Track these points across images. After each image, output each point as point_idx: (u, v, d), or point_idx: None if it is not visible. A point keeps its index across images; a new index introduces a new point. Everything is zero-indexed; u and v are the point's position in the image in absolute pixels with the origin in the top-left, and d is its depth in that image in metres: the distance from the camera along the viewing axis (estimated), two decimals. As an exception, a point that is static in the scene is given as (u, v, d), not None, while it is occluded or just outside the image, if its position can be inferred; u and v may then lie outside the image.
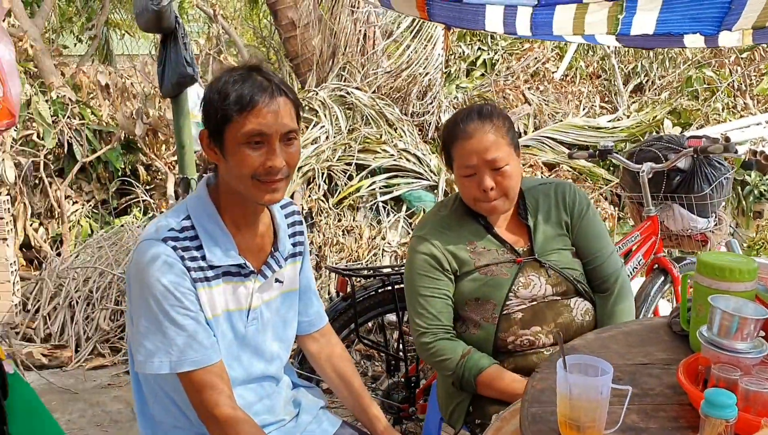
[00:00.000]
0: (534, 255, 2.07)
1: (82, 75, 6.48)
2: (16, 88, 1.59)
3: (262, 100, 1.57)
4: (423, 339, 2.07)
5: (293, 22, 6.49)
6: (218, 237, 1.67)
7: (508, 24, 2.61)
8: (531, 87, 7.19)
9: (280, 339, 1.86)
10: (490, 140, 1.97)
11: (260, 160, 1.58)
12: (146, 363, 1.60)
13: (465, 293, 2.06)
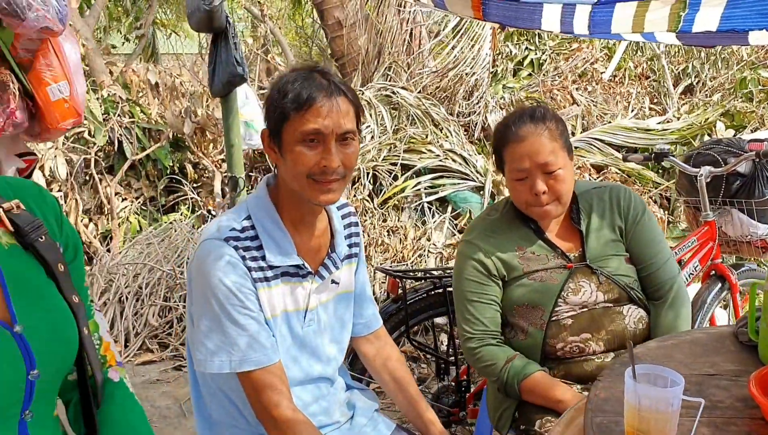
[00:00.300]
0: (585, 261, 2.03)
1: (132, 74, 6.59)
2: (81, 87, 1.61)
3: (320, 99, 1.57)
4: (469, 344, 2.06)
5: (339, 21, 6.51)
6: (278, 237, 1.67)
7: (566, 23, 2.56)
8: (579, 87, 7.08)
9: (336, 341, 1.86)
10: (543, 143, 1.93)
11: (315, 159, 1.58)
12: (207, 362, 1.61)
13: (513, 299, 2.03)
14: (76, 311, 1.11)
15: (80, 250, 1.20)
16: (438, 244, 4.83)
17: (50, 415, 1.11)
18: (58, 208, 1.17)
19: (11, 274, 1.03)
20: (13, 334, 0.99)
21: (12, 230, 1.06)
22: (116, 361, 1.25)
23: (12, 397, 1.00)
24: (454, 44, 6.21)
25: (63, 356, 1.08)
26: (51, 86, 1.56)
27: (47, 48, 1.55)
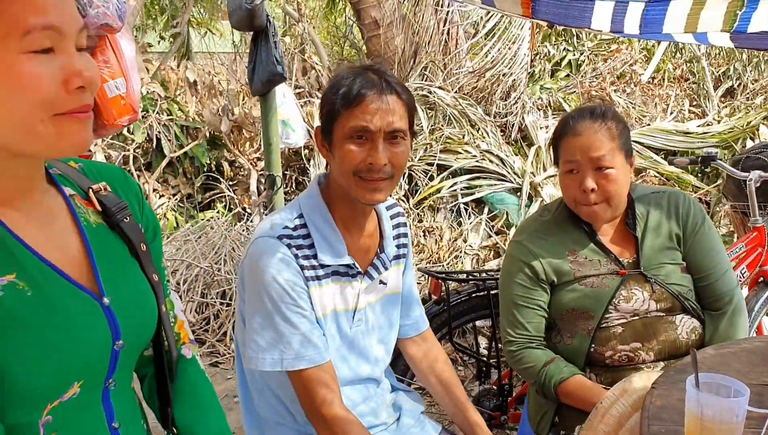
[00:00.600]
0: (639, 268, 1.97)
1: (170, 71, 6.65)
2: (137, 84, 1.62)
3: (370, 95, 1.56)
4: (510, 347, 2.05)
5: (376, 21, 6.51)
6: (329, 236, 1.67)
7: (616, 21, 2.51)
8: (617, 89, 6.99)
9: (384, 342, 1.86)
10: (599, 139, 1.90)
11: (362, 156, 1.57)
12: (258, 360, 1.61)
13: (563, 303, 1.99)
14: (156, 289, 1.16)
15: (159, 232, 1.25)
16: (474, 246, 4.80)
17: (129, 386, 1.16)
18: (140, 192, 1.22)
19: (99, 250, 1.08)
20: (101, 305, 1.04)
21: (99, 210, 1.12)
22: (189, 338, 1.32)
23: (99, 365, 1.04)
24: (492, 44, 6.17)
25: (144, 330, 1.14)
26: (108, 83, 1.57)
27: (105, 45, 1.56)
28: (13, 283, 0.94)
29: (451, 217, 5.13)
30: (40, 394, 0.97)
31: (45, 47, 0.89)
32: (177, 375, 1.26)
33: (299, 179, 5.99)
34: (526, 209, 5.02)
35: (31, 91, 0.89)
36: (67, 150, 0.96)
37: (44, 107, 0.90)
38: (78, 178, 1.13)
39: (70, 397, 1.00)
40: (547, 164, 5.54)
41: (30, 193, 1.03)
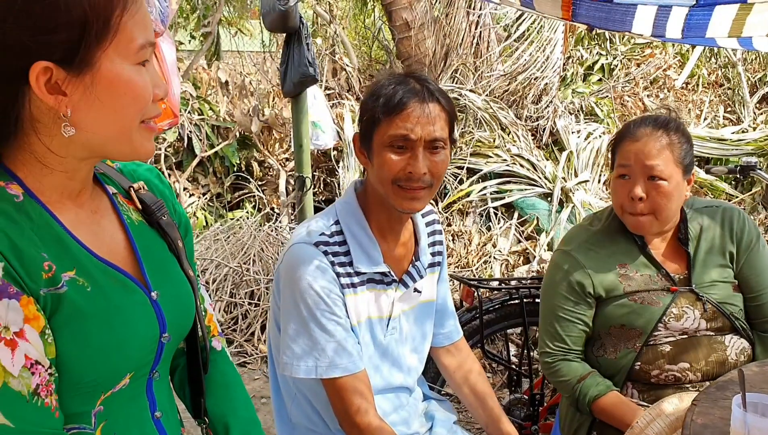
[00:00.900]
0: (691, 285, 1.92)
1: (202, 71, 6.69)
2: (177, 88, 1.62)
3: (411, 104, 1.55)
4: (546, 358, 2.01)
5: (407, 23, 6.48)
6: (365, 244, 1.66)
7: (658, 26, 2.47)
8: (650, 94, 6.89)
9: (417, 351, 1.85)
10: (656, 148, 1.85)
11: (401, 164, 1.56)
12: (293, 366, 1.61)
13: (610, 318, 1.94)
14: (193, 283, 1.22)
15: (190, 229, 1.31)
16: (503, 251, 4.76)
17: (166, 377, 1.22)
18: (172, 191, 1.28)
19: (143, 246, 1.14)
20: (150, 299, 1.10)
21: (140, 208, 1.17)
22: (218, 331, 1.37)
23: (147, 357, 1.10)
24: (524, 48, 6.12)
25: (186, 322, 1.20)
26: (149, 87, 1.57)
27: (147, 48, 1.56)
28: (74, 278, 1.00)
29: (480, 222, 5.09)
30: (96, 386, 1.02)
31: (146, 60, 1.00)
32: (209, 366, 1.31)
33: (328, 180, 5.99)
34: (557, 215, 4.96)
35: (142, 99, 0.99)
36: (142, 156, 1.05)
37: (142, 114, 1.00)
38: (118, 177, 1.19)
39: (121, 388, 1.06)
40: (579, 169, 5.48)
41: (83, 192, 1.08)
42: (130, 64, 0.97)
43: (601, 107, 6.48)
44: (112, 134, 1.00)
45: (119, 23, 0.95)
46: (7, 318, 0.91)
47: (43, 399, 0.95)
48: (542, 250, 4.72)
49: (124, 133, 1.00)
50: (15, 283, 0.92)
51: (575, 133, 5.90)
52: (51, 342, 0.96)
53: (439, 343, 1.96)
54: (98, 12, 0.93)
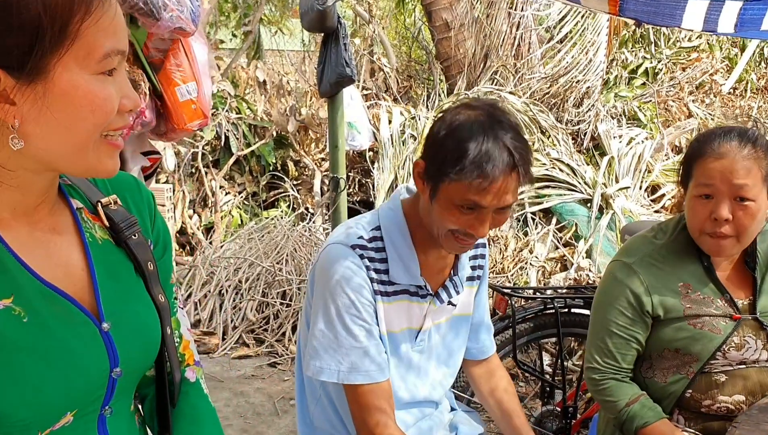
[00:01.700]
0: (755, 313, 1.78)
1: (240, 70, 6.73)
2: (208, 89, 1.60)
3: (497, 178, 1.42)
4: (593, 375, 1.89)
5: (447, 23, 6.43)
6: (405, 255, 1.62)
7: (710, 20, 2.37)
8: (696, 99, 6.71)
9: (446, 365, 1.79)
10: (745, 166, 1.67)
11: (464, 223, 1.48)
12: (314, 368, 1.58)
13: (665, 340, 1.81)
14: (161, 310, 1.12)
15: (169, 246, 1.20)
16: (540, 257, 4.67)
17: (128, 410, 1.11)
18: (153, 203, 1.18)
19: (102, 269, 1.04)
20: (101, 331, 1.00)
21: (107, 225, 1.08)
22: (194, 360, 1.25)
23: (94, 394, 0.99)
24: (567, 50, 6.01)
25: (145, 355, 1.09)
26: (180, 87, 1.55)
27: (178, 48, 1.55)
28: (9, 308, 0.91)
29: (516, 227, 5.01)
30: (29, 424, 0.93)
31: (112, 69, 0.91)
32: (178, 398, 1.20)
33: (362, 181, 5.97)
34: (596, 221, 4.85)
35: (101, 111, 0.90)
36: (101, 173, 0.96)
37: (100, 126, 0.92)
38: (88, 189, 1.09)
39: (63, 425, 0.96)
40: (620, 175, 5.36)
41: (39, 207, 1.00)
42: (90, 73, 0.89)
43: (644, 112, 6.33)
44: (65, 150, 0.92)
45: (78, 30, 0.87)
46: None
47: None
48: (580, 257, 4.62)
49: (79, 148, 0.92)
50: None
51: (617, 138, 5.77)
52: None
53: (472, 356, 1.91)
54: (54, 17, 0.85)
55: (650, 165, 5.61)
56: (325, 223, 5.32)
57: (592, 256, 4.63)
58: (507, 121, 1.50)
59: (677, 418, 1.85)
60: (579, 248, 4.70)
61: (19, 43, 0.85)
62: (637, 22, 2.60)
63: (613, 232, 4.82)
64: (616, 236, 4.79)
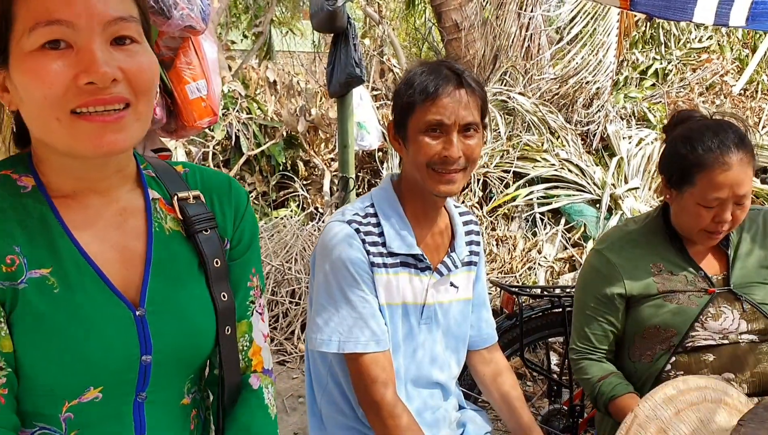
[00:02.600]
0: (729, 286, 1.87)
1: (251, 71, 6.76)
2: (218, 86, 1.63)
3: (445, 90, 1.60)
4: (572, 356, 2.01)
5: (457, 24, 6.45)
6: (399, 226, 1.70)
7: (721, 14, 2.37)
8: (706, 101, 6.69)
9: (453, 349, 1.84)
10: (747, 174, 1.75)
11: (437, 148, 1.61)
12: (316, 341, 1.64)
13: (644, 319, 1.89)
14: (219, 308, 1.11)
15: (253, 248, 1.20)
16: (549, 258, 4.67)
17: (174, 402, 1.11)
18: (243, 205, 1.18)
19: (160, 259, 1.06)
20: (134, 316, 1.01)
21: (180, 218, 1.10)
22: (263, 368, 1.21)
23: (121, 375, 1.01)
24: (576, 51, 6.01)
25: (184, 347, 1.08)
26: (190, 84, 1.58)
27: (188, 46, 1.57)
28: (45, 277, 0.96)
29: (525, 227, 5.01)
30: (53, 391, 0.98)
31: (51, 40, 0.89)
32: (238, 403, 1.18)
33: (372, 181, 5.99)
34: (606, 222, 4.85)
35: (41, 87, 0.89)
36: (84, 151, 0.94)
37: (56, 103, 0.90)
38: (173, 182, 1.12)
39: (91, 400, 1.00)
40: (629, 176, 5.35)
41: (105, 192, 1.04)
42: (29, 49, 0.89)
43: (653, 113, 6.32)
44: (39, 129, 0.95)
45: (15, 8, 0.90)
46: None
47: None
48: (589, 257, 4.62)
49: (46, 126, 0.93)
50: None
51: (626, 139, 5.76)
52: (6, 335, 0.95)
53: (475, 345, 1.94)
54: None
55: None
56: (334, 223, 5.33)
57: (600, 255, 4.63)
58: (453, 62, 1.70)
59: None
60: (587, 249, 4.70)
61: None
62: (648, 16, 2.61)
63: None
64: (625, 237, 4.79)
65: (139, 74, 0.94)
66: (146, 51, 0.97)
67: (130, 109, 0.94)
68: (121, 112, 0.93)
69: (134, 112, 0.95)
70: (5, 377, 0.95)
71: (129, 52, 0.94)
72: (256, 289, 1.20)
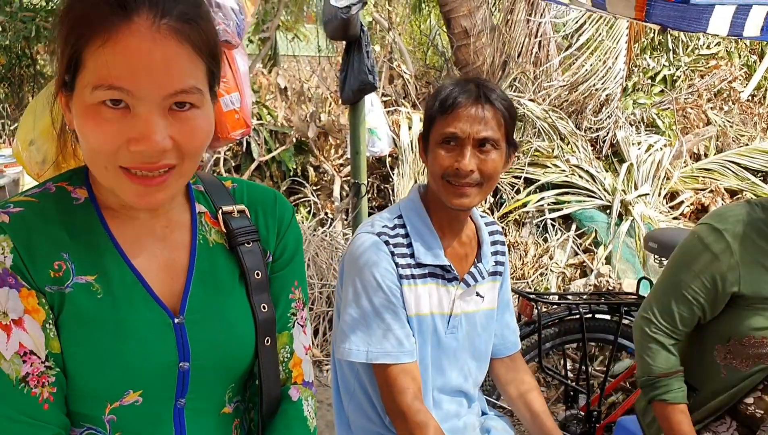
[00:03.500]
0: None
1: (261, 76, 6.79)
2: (249, 98, 1.65)
3: (464, 104, 1.62)
4: (645, 327, 1.81)
5: (466, 30, 6.47)
6: (427, 237, 1.72)
7: (736, 24, 2.41)
8: (714, 107, 6.71)
9: (477, 358, 1.86)
10: None
11: (450, 161, 1.63)
12: (344, 350, 1.66)
13: (750, 325, 1.70)
14: (259, 319, 1.13)
15: (297, 261, 1.23)
16: (560, 264, 4.69)
17: (214, 411, 1.13)
18: (288, 219, 1.21)
19: (202, 270, 1.10)
20: (173, 323, 1.05)
21: (224, 231, 1.14)
22: (304, 380, 1.23)
23: (161, 381, 1.05)
24: (586, 58, 6.03)
25: (223, 356, 1.10)
26: (224, 97, 1.60)
27: (222, 60, 1.60)
28: (90, 284, 1.01)
29: (536, 233, 5.03)
30: (96, 392, 1.01)
31: (112, 99, 0.91)
32: (277, 414, 1.20)
33: (381, 187, 6.01)
34: (616, 228, 4.87)
35: (94, 140, 0.93)
36: (127, 200, 0.99)
37: (106, 157, 0.94)
38: (220, 197, 1.16)
39: (132, 404, 1.03)
40: (639, 182, 5.37)
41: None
42: (90, 102, 0.92)
43: (662, 119, 6.34)
44: (91, 166, 1.00)
45: (84, 53, 0.92)
46: (6, 305, 0.96)
47: (31, 388, 0.97)
48: (600, 263, 4.64)
49: (97, 168, 0.97)
50: (21, 275, 0.96)
51: (636, 145, 5.79)
52: (54, 337, 0.99)
53: (498, 353, 1.96)
54: (72, 36, 0.92)
55: (669, 172, 5.62)
56: (344, 229, 5.36)
57: (612, 262, 4.65)
58: (485, 80, 1.71)
59: (730, 423, 1.82)
60: (598, 255, 4.72)
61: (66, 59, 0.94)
62: (662, 27, 2.63)
63: (633, 239, 4.84)
64: (635, 243, 4.81)
65: (191, 141, 0.96)
66: (205, 115, 0.98)
67: (175, 171, 0.97)
68: (165, 175, 0.96)
69: (179, 172, 0.97)
70: (54, 377, 0.99)
71: (186, 119, 0.95)
72: (299, 301, 1.22)
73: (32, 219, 0.99)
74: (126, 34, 0.88)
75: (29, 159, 1.48)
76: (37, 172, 1.49)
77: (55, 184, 1.06)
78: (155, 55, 0.90)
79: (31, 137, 1.47)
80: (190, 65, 0.94)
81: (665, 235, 2.98)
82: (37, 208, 1.01)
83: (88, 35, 0.90)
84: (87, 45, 0.90)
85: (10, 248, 0.96)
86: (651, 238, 3.00)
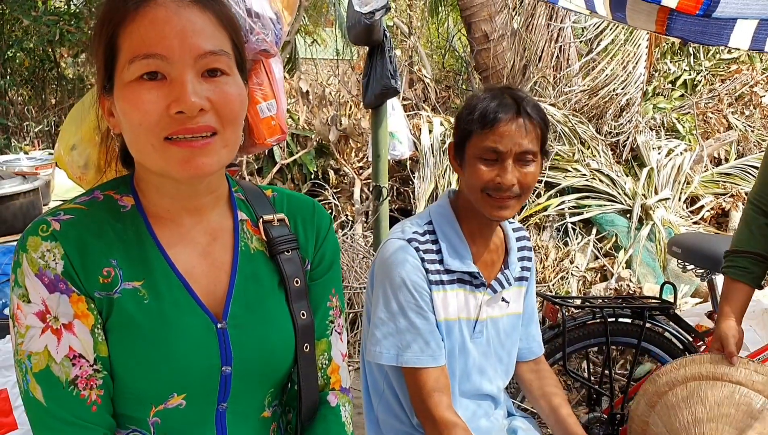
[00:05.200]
0: None
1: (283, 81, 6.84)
2: (284, 105, 1.70)
3: (503, 118, 1.62)
4: (746, 206, 2.06)
5: (486, 35, 6.50)
6: (456, 244, 1.74)
7: (757, 39, 2.43)
8: (735, 111, 6.68)
9: (502, 361, 1.88)
10: None
11: (491, 175, 1.64)
12: (375, 353, 1.69)
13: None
14: (298, 326, 1.16)
15: (334, 269, 1.25)
16: (581, 267, 4.71)
17: (254, 415, 1.16)
18: (326, 228, 1.24)
19: (244, 276, 1.13)
20: (216, 328, 1.08)
21: (265, 239, 1.17)
22: (341, 386, 1.27)
23: (204, 385, 1.08)
24: (606, 62, 6.03)
25: (263, 361, 1.13)
26: (261, 104, 1.65)
27: (259, 68, 1.65)
28: (137, 289, 1.04)
29: (557, 237, 5.05)
30: (142, 395, 1.05)
31: (149, 72, 0.96)
32: (315, 419, 1.23)
33: (401, 190, 6.04)
34: (636, 232, 4.88)
35: (137, 115, 0.97)
36: (175, 173, 1.00)
37: (151, 130, 0.97)
38: (261, 206, 1.19)
39: (176, 406, 1.06)
40: (659, 187, 5.37)
41: (197, 212, 1.11)
42: (128, 80, 0.97)
43: (683, 123, 6.33)
44: (138, 152, 1.03)
45: (121, 40, 0.98)
46: (58, 310, 1.00)
47: (80, 390, 1.01)
48: (620, 267, 4.65)
49: (141, 150, 1.01)
50: (71, 281, 1.00)
51: (656, 150, 5.79)
52: (102, 341, 1.03)
53: (523, 357, 1.99)
54: (107, 33, 0.99)
55: (689, 176, 5.62)
56: (364, 231, 5.40)
57: (632, 266, 4.66)
58: (517, 89, 1.70)
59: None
60: (619, 259, 4.73)
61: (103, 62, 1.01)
62: (683, 41, 2.66)
63: (653, 243, 4.84)
64: (656, 247, 4.81)
65: (226, 105, 1.00)
66: (236, 83, 1.02)
67: (218, 137, 1.00)
68: (209, 139, 0.99)
69: (221, 139, 1.01)
70: (102, 379, 1.03)
71: (218, 83, 0.99)
72: (336, 309, 1.25)
73: (82, 226, 1.03)
74: (153, 7, 0.96)
75: (71, 163, 1.55)
76: (79, 176, 1.56)
77: (102, 193, 1.10)
78: (183, 21, 0.97)
79: (73, 142, 1.54)
80: (215, 31, 1.00)
81: (688, 240, 3.00)
82: (87, 215, 1.05)
83: (118, 19, 0.97)
84: (120, 27, 0.97)
85: (61, 255, 1.00)
86: (674, 243, 3.01)
